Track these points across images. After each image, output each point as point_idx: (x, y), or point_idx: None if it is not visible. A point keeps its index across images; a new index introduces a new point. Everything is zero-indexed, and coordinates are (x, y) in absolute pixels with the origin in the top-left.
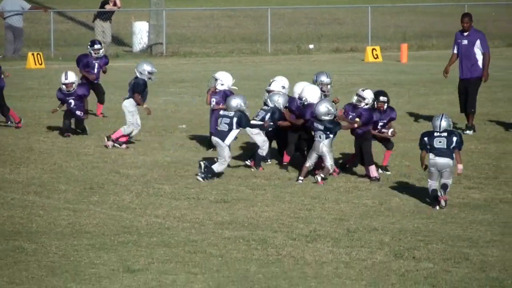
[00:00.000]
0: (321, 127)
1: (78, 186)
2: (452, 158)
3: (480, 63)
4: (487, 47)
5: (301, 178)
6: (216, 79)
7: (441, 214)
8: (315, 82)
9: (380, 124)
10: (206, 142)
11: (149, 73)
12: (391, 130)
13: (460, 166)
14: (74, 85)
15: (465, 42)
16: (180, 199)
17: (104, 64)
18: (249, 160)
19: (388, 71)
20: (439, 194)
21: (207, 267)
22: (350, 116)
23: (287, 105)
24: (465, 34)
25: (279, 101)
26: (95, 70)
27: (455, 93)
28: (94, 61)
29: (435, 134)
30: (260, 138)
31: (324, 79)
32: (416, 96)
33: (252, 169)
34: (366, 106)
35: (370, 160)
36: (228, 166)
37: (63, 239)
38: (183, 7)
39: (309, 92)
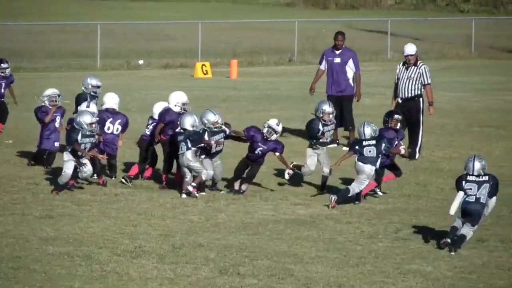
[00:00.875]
0: (181, 137)
1: None
2: (374, 165)
3: (351, 81)
4: (359, 67)
5: (184, 193)
6: (59, 95)
7: (267, 230)
8: (316, 111)
9: (396, 143)
10: (32, 158)
11: (94, 86)
12: (403, 147)
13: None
14: None
15: (337, 60)
16: (5, 214)
17: (10, 82)
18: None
19: (217, 87)
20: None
21: (30, 284)
22: (260, 148)
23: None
24: (338, 52)
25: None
26: (2, 90)
27: (286, 107)
28: (0, 81)
29: (364, 143)
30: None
31: (326, 108)
32: (245, 112)
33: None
34: (274, 138)
35: (250, 180)
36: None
37: None
38: (12, 21)
39: (158, 109)
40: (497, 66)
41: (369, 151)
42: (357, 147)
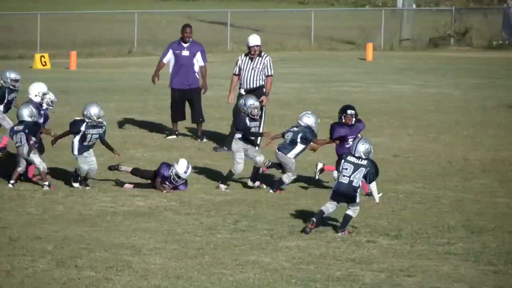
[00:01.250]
0: (20, 128)
1: None
2: (285, 154)
3: (197, 74)
4: (206, 60)
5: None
6: None
7: (105, 222)
8: (244, 106)
9: (350, 139)
10: None
11: (12, 80)
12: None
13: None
14: None
15: (186, 53)
16: None
17: None
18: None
19: (56, 79)
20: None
21: None
22: (166, 185)
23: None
24: (186, 45)
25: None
26: None
27: (125, 98)
28: None
29: (292, 128)
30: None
31: (254, 102)
32: (84, 103)
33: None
34: (179, 182)
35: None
36: None
37: None
38: None
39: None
40: (336, 57)
41: (287, 136)
42: (285, 130)
